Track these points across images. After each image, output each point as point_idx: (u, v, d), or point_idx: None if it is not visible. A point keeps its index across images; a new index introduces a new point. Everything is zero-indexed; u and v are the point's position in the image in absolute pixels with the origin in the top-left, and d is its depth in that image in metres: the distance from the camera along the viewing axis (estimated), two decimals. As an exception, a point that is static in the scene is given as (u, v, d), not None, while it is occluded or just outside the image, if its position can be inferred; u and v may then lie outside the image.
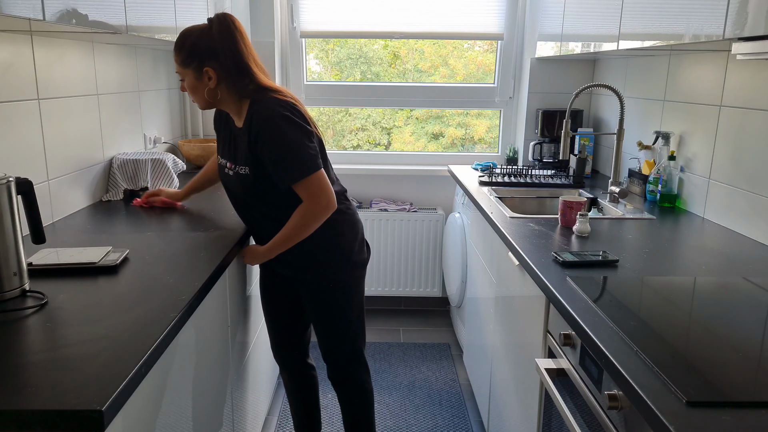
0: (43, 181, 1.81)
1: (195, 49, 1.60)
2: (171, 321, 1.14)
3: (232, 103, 1.67)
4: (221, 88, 1.63)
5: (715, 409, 0.88)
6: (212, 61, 1.60)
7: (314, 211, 1.63)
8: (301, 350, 2.05)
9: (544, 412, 1.52)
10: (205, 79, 1.62)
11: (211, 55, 1.60)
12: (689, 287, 1.39)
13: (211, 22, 1.62)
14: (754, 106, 1.81)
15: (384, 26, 3.26)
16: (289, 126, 1.58)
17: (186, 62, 1.62)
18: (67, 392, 0.89)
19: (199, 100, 1.67)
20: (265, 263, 1.82)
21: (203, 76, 1.61)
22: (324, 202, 1.63)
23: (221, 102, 1.67)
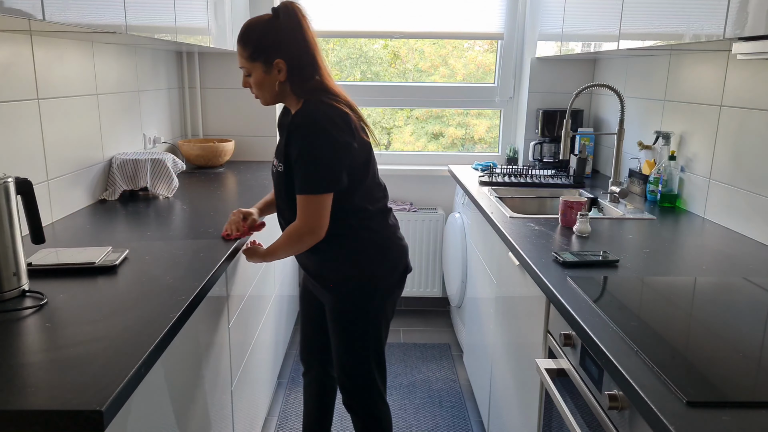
0: (43, 181, 1.80)
1: (263, 42, 1.54)
2: (171, 321, 1.14)
3: (293, 100, 1.61)
4: (288, 83, 1.58)
5: (715, 409, 0.88)
6: (282, 53, 1.54)
7: (299, 230, 1.55)
8: (325, 360, 1.94)
9: (544, 412, 1.52)
10: (274, 72, 1.56)
11: (280, 47, 1.54)
12: (689, 287, 1.39)
13: (278, 12, 1.56)
14: (754, 106, 1.80)
15: (384, 26, 3.26)
16: (321, 137, 1.50)
17: (254, 56, 1.55)
18: (67, 392, 0.88)
19: (266, 95, 1.61)
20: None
21: (273, 69, 1.55)
22: (311, 225, 1.54)
23: (286, 97, 1.62)
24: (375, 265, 1.68)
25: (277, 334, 2.59)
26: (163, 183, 2.27)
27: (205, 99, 3.20)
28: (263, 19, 1.57)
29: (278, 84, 1.57)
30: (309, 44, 1.57)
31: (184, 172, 2.79)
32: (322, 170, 1.51)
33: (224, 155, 2.98)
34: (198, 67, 3.14)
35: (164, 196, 2.25)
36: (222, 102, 3.21)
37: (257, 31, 1.56)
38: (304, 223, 1.54)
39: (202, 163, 2.95)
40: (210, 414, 1.51)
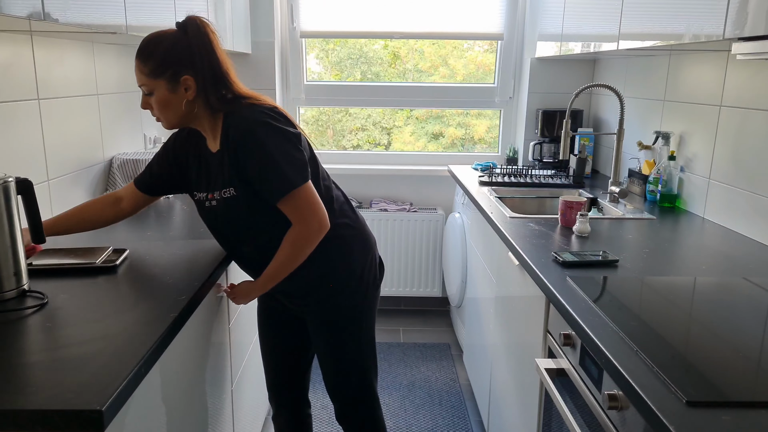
0: (43, 181, 1.81)
1: (169, 57, 1.38)
2: (171, 321, 1.14)
3: (206, 119, 1.45)
4: (197, 101, 1.42)
5: (714, 408, 0.88)
6: (189, 69, 1.39)
7: (304, 235, 1.43)
8: (299, 393, 1.83)
9: (544, 412, 1.52)
10: (181, 90, 1.39)
11: (188, 62, 1.39)
12: (689, 287, 1.39)
13: (185, 26, 1.41)
14: (754, 106, 1.81)
15: (384, 26, 3.27)
16: (270, 132, 1.39)
17: (157, 72, 1.38)
18: (67, 392, 0.89)
19: (170, 116, 1.43)
20: (264, 293, 1.60)
21: (179, 86, 1.39)
22: (315, 223, 1.43)
23: (195, 118, 1.45)
24: (362, 259, 1.61)
25: (277, 334, 2.59)
26: (163, 183, 2.27)
27: (205, 99, 3.20)
28: (168, 33, 1.41)
29: (185, 103, 1.41)
30: (219, 59, 1.42)
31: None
32: (292, 162, 1.40)
33: (224, 155, 2.97)
34: (198, 67, 3.13)
35: (164, 196, 2.25)
36: (222, 102, 3.20)
37: (162, 46, 1.39)
38: (305, 222, 1.42)
39: (202, 163, 2.95)
40: (210, 414, 1.51)
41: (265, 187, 1.40)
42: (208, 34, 1.42)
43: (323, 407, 2.53)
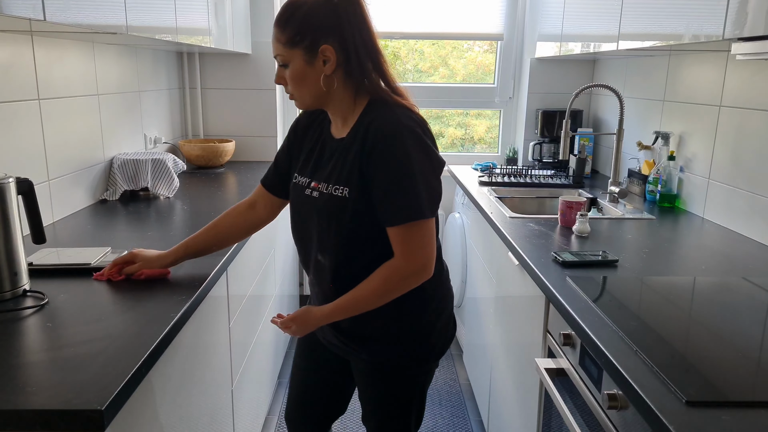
0: (44, 181, 1.81)
1: (310, 21, 1.19)
2: (171, 321, 1.14)
3: (342, 101, 1.26)
4: (337, 78, 1.22)
5: (714, 408, 0.88)
6: (333, 37, 1.19)
7: (404, 273, 1.21)
8: (327, 426, 1.60)
9: (543, 411, 1.52)
10: (319, 62, 1.20)
11: (332, 29, 1.19)
12: (689, 287, 1.39)
13: None
14: (753, 106, 1.81)
15: (384, 26, 3.26)
16: (419, 148, 1.19)
17: (295, 39, 1.19)
18: (67, 392, 0.89)
19: (304, 94, 1.24)
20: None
21: (317, 58, 1.20)
22: (420, 263, 1.21)
23: (331, 100, 1.26)
24: (436, 318, 1.36)
25: (278, 334, 2.60)
26: (164, 183, 2.27)
27: (206, 99, 3.21)
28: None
29: (325, 78, 1.21)
30: (371, 31, 1.23)
31: (184, 172, 2.80)
32: (426, 190, 1.19)
33: (225, 155, 2.98)
34: (198, 67, 3.14)
35: (165, 196, 2.26)
36: (222, 102, 3.21)
37: (302, 10, 1.20)
38: (410, 260, 1.20)
39: (202, 164, 2.95)
40: (210, 414, 1.51)
41: (387, 205, 1.19)
42: (361, 2, 1.21)
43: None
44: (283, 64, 1.24)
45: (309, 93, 1.24)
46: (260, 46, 3.15)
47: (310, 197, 1.29)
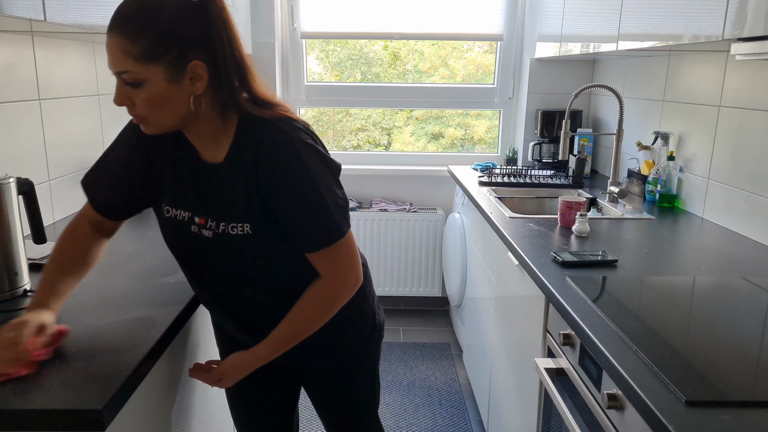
0: (44, 181, 1.81)
1: (175, 29, 0.96)
2: (171, 321, 1.14)
3: (209, 121, 1.06)
4: (204, 98, 1.03)
5: (714, 408, 0.88)
6: (202, 49, 0.99)
7: (339, 292, 1.14)
8: None
9: (543, 411, 1.52)
10: (186, 80, 0.99)
11: (201, 39, 0.99)
12: (688, 287, 1.39)
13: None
14: (753, 107, 1.81)
15: (384, 27, 3.27)
16: (318, 163, 1.07)
17: (154, 53, 0.95)
18: (67, 392, 0.89)
19: (165, 118, 1.02)
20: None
21: (184, 76, 0.99)
22: (352, 277, 1.14)
23: (197, 118, 1.05)
24: (373, 303, 1.35)
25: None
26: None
27: (205, 99, 3.20)
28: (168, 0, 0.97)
29: (195, 100, 1.01)
30: (237, 39, 1.04)
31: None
32: (337, 204, 1.09)
33: (224, 156, 2.97)
34: (198, 67, 3.14)
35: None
36: (222, 102, 3.21)
37: (165, 13, 0.96)
38: (342, 278, 1.13)
39: (202, 164, 2.95)
40: (210, 414, 1.51)
41: (302, 233, 1.09)
42: (225, 8, 1.02)
43: None
44: (132, 83, 0.97)
45: (171, 116, 1.01)
46: (260, 47, 3.15)
47: (199, 236, 1.12)
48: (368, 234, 3.34)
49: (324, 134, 3.66)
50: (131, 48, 0.95)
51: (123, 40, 0.95)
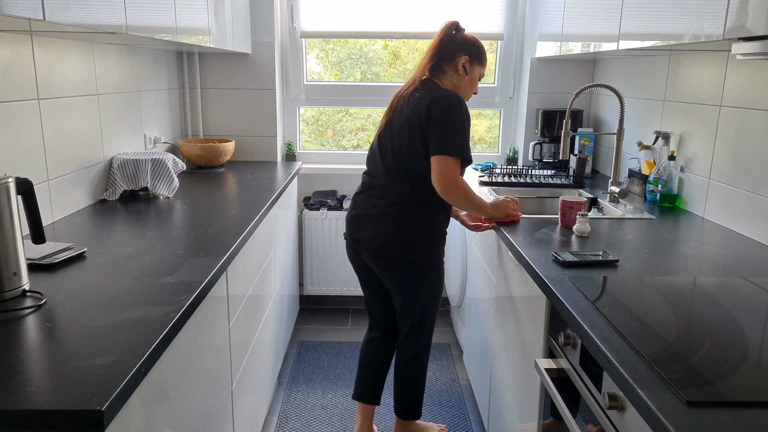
0: (43, 181, 1.81)
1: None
2: (171, 321, 1.14)
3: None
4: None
5: (714, 408, 0.88)
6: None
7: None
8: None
9: (544, 411, 1.52)
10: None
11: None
12: (689, 287, 1.39)
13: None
14: (754, 106, 1.81)
15: (384, 26, 3.27)
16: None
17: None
18: (67, 392, 0.89)
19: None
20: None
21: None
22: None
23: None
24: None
25: (277, 334, 2.60)
26: (164, 183, 2.27)
27: (206, 99, 3.21)
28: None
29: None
30: None
31: (184, 172, 2.80)
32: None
33: (224, 155, 2.98)
34: (198, 67, 3.14)
35: (164, 196, 2.26)
36: (222, 102, 3.21)
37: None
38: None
39: (202, 163, 2.95)
40: (210, 414, 1.51)
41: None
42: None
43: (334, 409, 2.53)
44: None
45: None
46: (260, 46, 3.15)
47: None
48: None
49: (324, 134, 3.66)
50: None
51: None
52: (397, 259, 1.98)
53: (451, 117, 1.85)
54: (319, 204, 3.34)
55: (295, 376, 2.79)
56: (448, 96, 1.88)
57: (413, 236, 1.95)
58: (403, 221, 1.95)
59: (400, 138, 1.93)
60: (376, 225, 1.98)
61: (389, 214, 1.96)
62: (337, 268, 3.41)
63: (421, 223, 1.95)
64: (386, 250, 1.97)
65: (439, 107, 1.86)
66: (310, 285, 3.45)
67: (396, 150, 1.95)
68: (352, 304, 3.58)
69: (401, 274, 2.00)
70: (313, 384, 2.72)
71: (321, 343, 3.11)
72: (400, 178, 1.95)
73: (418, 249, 1.96)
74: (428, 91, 1.92)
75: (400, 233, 1.95)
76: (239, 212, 2.03)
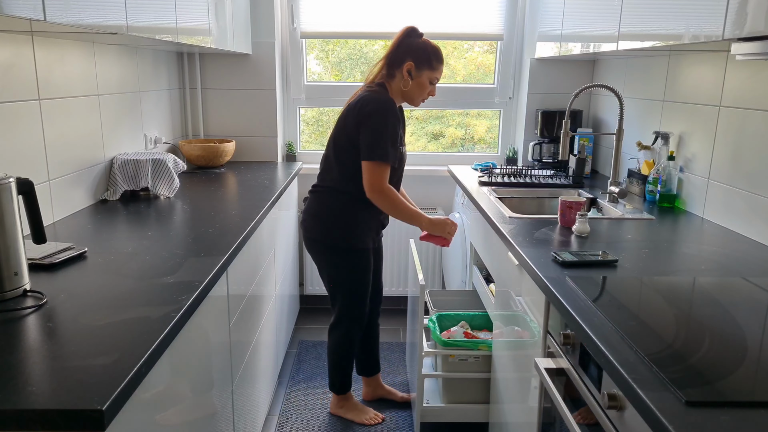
0: (44, 181, 1.81)
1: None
2: (171, 321, 1.14)
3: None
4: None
5: (714, 408, 0.88)
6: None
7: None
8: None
9: (543, 411, 1.52)
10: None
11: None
12: (689, 287, 1.39)
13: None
14: (753, 106, 1.81)
15: (384, 27, 3.27)
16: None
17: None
18: (67, 392, 0.89)
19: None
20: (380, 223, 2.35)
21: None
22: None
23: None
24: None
25: (278, 334, 2.60)
26: (164, 183, 2.27)
27: (206, 99, 3.21)
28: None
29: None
30: None
31: (185, 172, 2.80)
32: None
33: (225, 155, 2.98)
34: (199, 67, 3.14)
35: (165, 196, 2.26)
36: (222, 102, 3.21)
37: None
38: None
39: (203, 164, 2.95)
40: (210, 413, 1.51)
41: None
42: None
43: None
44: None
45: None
46: (260, 47, 3.15)
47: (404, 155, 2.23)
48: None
49: (324, 134, 3.66)
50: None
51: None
52: (309, 238, 2.25)
53: (375, 120, 2.02)
54: (319, 204, 3.34)
55: (295, 375, 2.79)
56: (374, 100, 2.04)
57: (319, 217, 2.20)
58: (318, 202, 2.20)
59: (335, 136, 2.15)
60: (305, 204, 2.28)
61: (312, 196, 2.24)
62: (337, 268, 3.41)
63: (330, 206, 2.17)
64: (303, 226, 2.27)
65: (364, 110, 2.04)
66: (310, 285, 3.45)
67: (330, 145, 2.18)
68: (352, 304, 3.58)
69: (311, 249, 2.29)
70: (313, 384, 2.72)
71: (321, 343, 3.11)
72: (324, 169, 2.21)
73: (332, 232, 2.19)
74: (365, 93, 2.10)
75: (313, 212, 2.21)
76: (240, 212, 2.04)
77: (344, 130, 2.10)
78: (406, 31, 2.14)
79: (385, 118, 2.02)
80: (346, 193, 2.15)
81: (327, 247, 2.21)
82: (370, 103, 2.03)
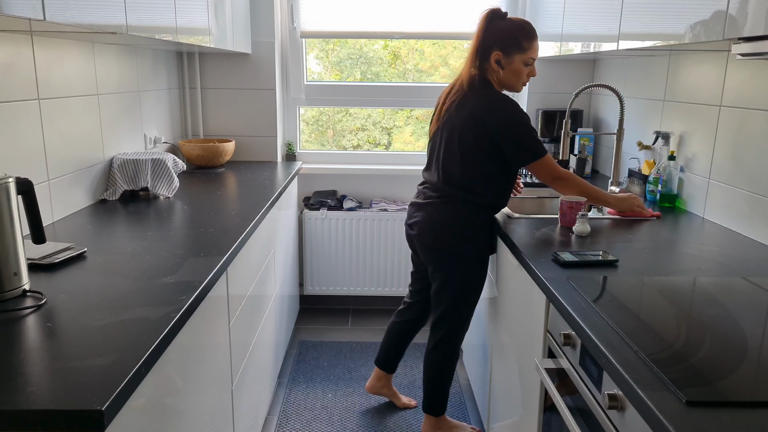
0: (44, 181, 1.81)
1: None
2: (171, 321, 1.14)
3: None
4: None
5: (714, 408, 0.88)
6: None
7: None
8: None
9: (543, 411, 1.52)
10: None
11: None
12: (689, 287, 1.39)
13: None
14: (753, 106, 1.81)
15: (384, 26, 3.27)
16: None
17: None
18: (67, 392, 0.89)
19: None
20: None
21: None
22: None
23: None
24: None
25: (278, 334, 2.60)
26: (164, 183, 2.27)
27: (206, 99, 3.21)
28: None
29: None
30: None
31: (184, 172, 2.80)
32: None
33: (224, 155, 2.98)
34: (198, 67, 3.14)
35: (165, 196, 2.26)
36: (222, 102, 3.21)
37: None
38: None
39: (202, 163, 2.95)
40: (210, 414, 1.51)
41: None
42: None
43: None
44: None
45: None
46: (260, 46, 3.15)
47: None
48: (368, 234, 3.34)
49: (324, 134, 3.66)
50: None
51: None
52: (437, 247, 2.07)
53: (516, 128, 1.92)
54: (319, 204, 3.34)
55: (295, 376, 2.79)
56: (499, 110, 1.92)
57: (455, 227, 2.03)
58: (448, 212, 2.04)
59: (460, 142, 1.98)
60: (424, 213, 2.09)
61: (436, 204, 2.06)
62: (337, 268, 3.41)
63: (466, 216, 2.02)
64: (428, 236, 2.08)
65: (501, 124, 1.91)
66: (310, 285, 3.45)
67: (446, 152, 2.03)
68: (352, 304, 3.58)
69: (438, 261, 2.10)
70: (313, 384, 2.72)
71: (321, 343, 3.11)
72: (450, 178, 2.03)
73: (456, 240, 2.03)
74: (482, 98, 1.96)
75: (444, 222, 2.04)
76: (239, 212, 2.03)
77: (479, 142, 1.94)
78: (487, 17, 1.95)
79: (521, 119, 1.91)
80: (469, 201, 2.01)
81: (462, 259, 2.05)
82: (499, 114, 1.91)
